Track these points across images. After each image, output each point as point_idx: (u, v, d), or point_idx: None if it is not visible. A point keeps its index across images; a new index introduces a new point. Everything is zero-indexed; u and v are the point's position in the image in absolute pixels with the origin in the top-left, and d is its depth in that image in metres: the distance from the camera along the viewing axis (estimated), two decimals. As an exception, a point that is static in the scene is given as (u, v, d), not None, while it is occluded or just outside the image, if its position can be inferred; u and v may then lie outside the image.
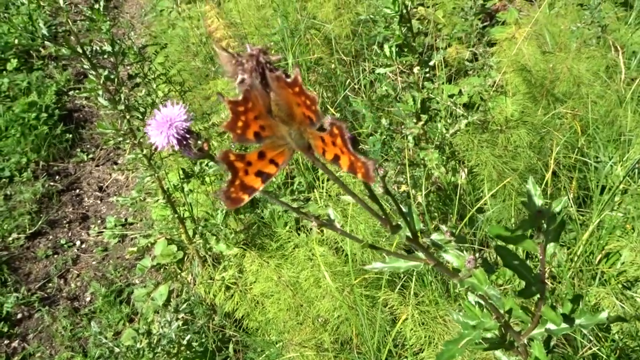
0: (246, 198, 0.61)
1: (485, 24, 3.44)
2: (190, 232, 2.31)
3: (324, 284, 1.94)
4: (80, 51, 1.77)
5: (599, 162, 2.22)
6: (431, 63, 2.10)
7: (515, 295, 1.74)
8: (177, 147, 0.69)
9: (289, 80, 0.59)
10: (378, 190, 0.80)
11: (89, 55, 1.79)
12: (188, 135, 0.69)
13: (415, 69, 2.07)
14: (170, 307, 2.20)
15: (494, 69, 2.49)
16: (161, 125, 0.68)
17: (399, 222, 0.83)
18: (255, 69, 0.60)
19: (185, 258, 2.50)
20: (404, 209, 0.83)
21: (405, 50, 2.07)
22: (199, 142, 0.71)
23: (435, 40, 3.17)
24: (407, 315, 1.75)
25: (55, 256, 2.81)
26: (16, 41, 3.96)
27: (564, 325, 0.90)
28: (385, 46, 2.08)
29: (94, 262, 2.76)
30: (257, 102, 0.61)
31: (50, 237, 2.91)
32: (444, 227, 0.92)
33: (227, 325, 2.19)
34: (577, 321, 0.91)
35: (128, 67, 3.63)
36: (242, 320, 2.16)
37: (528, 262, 1.71)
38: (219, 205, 2.36)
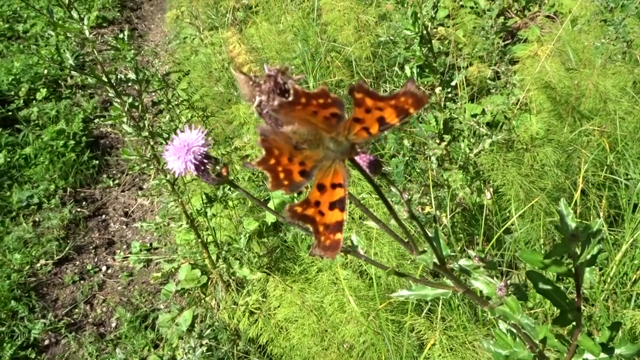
0: (340, 236, 0.56)
1: (506, 42, 3.42)
2: (214, 257, 2.31)
3: (348, 308, 1.91)
4: (105, 80, 1.80)
5: (630, 180, 2.16)
6: (453, 83, 2.08)
7: (551, 323, 1.69)
8: (194, 173, 0.68)
9: (290, 99, 0.55)
10: (403, 214, 0.78)
11: (114, 84, 1.83)
12: (206, 160, 0.68)
13: (437, 89, 2.05)
14: (195, 332, 2.19)
15: (517, 87, 2.46)
16: (179, 150, 0.67)
17: (425, 248, 0.81)
18: (273, 90, 0.57)
19: (209, 283, 2.50)
20: (429, 234, 0.81)
21: (427, 70, 2.06)
22: (218, 167, 0.69)
23: (457, 59, 3.15)
24: (434, 340, 1.70)
25: (82, 282, 2.83)
26: (45, 71, 4.08)
27: (603, 355, 0.85)
28: (406, 67, 2.08)
29: (119, 288, 2.78)
30: (280, 143, 0.57)
31: (77, 262, 2.94)
32: (472, 252, 0.89)
33: (252, 351, 2.16)
34: (617, 351, 0.86)
35: (153, 94, 3.70)
36: (266, 346, 2.13)
37: (559, 285, 1.66)
38: (242, 229, 2.36)
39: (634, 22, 2.71)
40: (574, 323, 0.83)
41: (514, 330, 0.88)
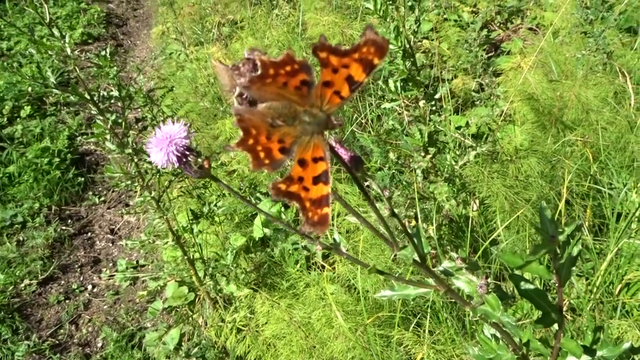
0: (327, 210, 0.55)
1: (490, 54, 3.46)
2: (201, 274, 2.28)
3: (336, 324, 1.89)
4: (88, 97, 1.79)
5: (613, 189, 2.18)
6: (437, 95, 2.09)
7: (533, 324, 1.68)
8: (176, 164, 0.68)
9: (259, 72, 0.55)
10: (384, 212, 0.78)
11: (97, 101, 1.82)
12: (188, 152, 0.68)
13: (421, 102, 2.06)
14: (182, 351, 2.16)
15: (501, 99, 2.48)
16: (161, 142, 0.67)
17: (406, 245, 0.80)
18: (252, 72, 0.57)
19: (196, 300, 2.47)
20: (410, 231, 0.81)
21: (410, 84, 2.07)
22: (200, 159, 0.69)
23: (441, 72, 3.18)
24: (422, 354, 1.69)
25: (67, 301, 2.79)
26: (29, 89, 4.05)
27: (585, 357, 0.85)
28: (390, 81, 2.09)
29: (105, 307, 2.74)
30: (256, 121, 0.57)
31: (62, 282, 2.90)
32: (454, 254, 0.89)
33: (240, 369, 2.14)
34: (599, 353, 0.87)
35: (138, 110, 3.68)
36: (254, 363, 2.11)
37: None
38: (229, 245, 2.35)
39: (613, 34, 2.76)
40: (557, 327, 0.83)
41: (498, 335, 0.88)
